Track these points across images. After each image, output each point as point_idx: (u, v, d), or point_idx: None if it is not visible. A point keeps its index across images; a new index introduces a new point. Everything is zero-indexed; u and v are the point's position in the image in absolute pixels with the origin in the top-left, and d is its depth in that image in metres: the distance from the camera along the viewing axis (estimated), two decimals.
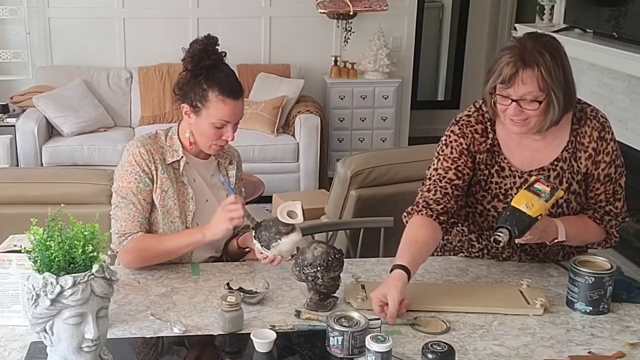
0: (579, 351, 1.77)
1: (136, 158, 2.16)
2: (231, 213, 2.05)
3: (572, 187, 2.12)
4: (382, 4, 5.67)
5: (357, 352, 1.70)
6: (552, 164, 2.11)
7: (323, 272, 1.89)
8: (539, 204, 1.92)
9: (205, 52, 2.14)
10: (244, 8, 5.94)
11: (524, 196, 1.94)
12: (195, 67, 2.14)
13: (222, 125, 2.15)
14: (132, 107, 5.73)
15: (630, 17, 4.28)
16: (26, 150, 5.16)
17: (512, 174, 2.13)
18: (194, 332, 1.82)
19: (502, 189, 2.14)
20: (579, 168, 2.11)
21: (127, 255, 2.15)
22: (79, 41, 5.78)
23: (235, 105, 2.15)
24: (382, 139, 6.05)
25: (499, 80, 1.97)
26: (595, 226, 2.16)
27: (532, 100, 1.97)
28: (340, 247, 2.09)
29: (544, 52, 1.96)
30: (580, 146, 2.10)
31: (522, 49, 1.97)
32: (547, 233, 2.04)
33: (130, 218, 2.15)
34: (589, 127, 2.10)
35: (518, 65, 1.95)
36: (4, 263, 1.76)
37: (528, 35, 2.05)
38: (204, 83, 2.13)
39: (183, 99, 2.18)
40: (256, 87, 5.70)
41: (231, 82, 2.16)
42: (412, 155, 3.29)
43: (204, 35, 2.18)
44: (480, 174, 2.16)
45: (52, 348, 1.52)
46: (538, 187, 1.95)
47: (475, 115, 2.17)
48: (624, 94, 4.35)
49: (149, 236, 2.17)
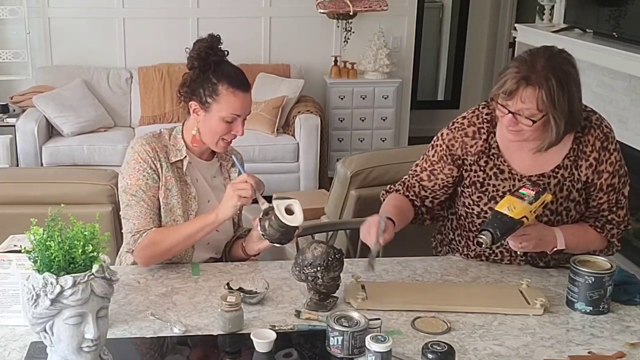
0: (579, 351, 1.77)
1: (142, 155, 2.16)
2: (240, 191, 2.05)
3: (572, 195, 2.11)
4: (382, 4, 5.67)
5: (357, 352, 1.70)
6: (553, 171, 2.11)
7: (323, 272, 1.89)
8: (521, 206, 1.94)
9: (212, 48, 2.16)
10: (244, 8, 5.94)
11: (507, 200, 1.97)
12: (202, 63, 2.15)
13: (233, 119, 2.15)
14: (132, 107, 5.73)
15: (630, 17, 4.28)
16: (26, 150, 5.15)
17: (512, 176, 2.13)
18: (194, 332, 1.82)
19: (500, 192, 2.14)
20: (579, 176, 2.10)
21: (144, 252, 2.14)
22: (79, 41, 5.78)
23: (245, 98, 2.17)
24: (382, 139, 6.05)
25: (501, 90, 1.97)
26: (596, 235, 2.15)
27: (528, 117, 1.96)
28: (340, 247, 2.09)
29: (550, 77, 1.92)
30: (582, 154, 2.09)
31: (530, 67, 1.94)
32: (545, 242, 2.05)
33: (143, 215, 2.15)
34: (592, 136, 2.08)
35: (520, 83, 1.93)
36: (4, 263, 1.76)
37: (543, 51, 1.99)
38: (213, 77, 2.14)
39: (191, 97, 2.18)
40: (256, 87, 5.69)
41: (240, 75, 2.18)
42: (412, 155, 3.26)
43: (208, 34, 2.19)
44: (474, 175, 2.16)
45: (52, 348, 1.52)
46: (522, 192, 1.98)
47: (469, 117, 2.18)
48: (624, 94, 4.35)
49: (163, 228, 2.17)
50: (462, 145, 2.16)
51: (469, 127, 2.16)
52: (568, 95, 1.95)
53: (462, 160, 2.17)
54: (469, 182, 2.17)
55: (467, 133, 2.16)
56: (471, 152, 2.15)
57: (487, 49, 7.17)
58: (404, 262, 2.27)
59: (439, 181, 2.21)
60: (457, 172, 2.19)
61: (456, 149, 2.16)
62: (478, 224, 2.19)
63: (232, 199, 2.07)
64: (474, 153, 2.15)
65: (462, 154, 2.16)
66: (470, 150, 2.15)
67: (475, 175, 2.16)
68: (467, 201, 2.20)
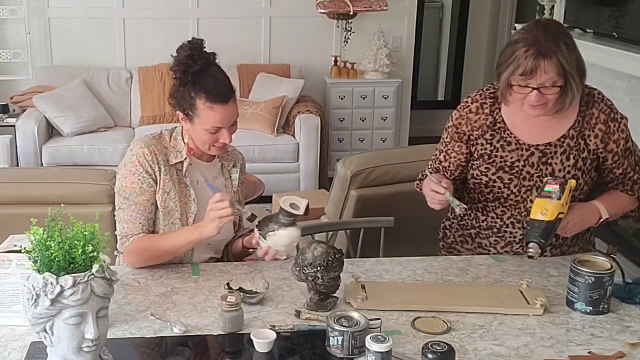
0: (579, 351, 1.77)
1: (140, 159, 2.16)
2: (219, 212, 2.04)
3: (579, 164, 2.19)
4: (382, 4, 5.67)
5: (357, 352, 1.70)
6: (559, 140, 2.19)
7: (323, 272, 1.89)
8: (552, 206, 2.02)
9: (191, 58, 2.11)
10: (244, 8, 5.94)
11: (538, 205, 2.05)
12: (182, 75, 2.13)
13: (216, 130, 2.15)
14: (132, 107, 5.73)
15: (630, 17, 4.28)
16: (26, 150, 5.15)
17: (520, 147, 2.21)
18: (194, 332, 1.82)
19: (508, 162, 2.22)
20: (587, 145, 2.18)
21: (130, 257, 2.16)
22: (79, 41, 5.78)
23: (224, 110, 2.13)
24: (382, 139, 6.05)
25: (518, 72, 2.05)
26: (628, 197, 2.27)
27: (552, 85, 2.05)
28: (340, 247, 2.09)
29: (559, 42, 2.04)
30: (587, 125, 2.18)
31: (535, 40, 2.04)
32: (588, 219, 2.19)
33: (132, 219, 2.15)
34: (596, 109, 2.19)
35: (538, 58, 2.02)
36: (4, 263, 1.76)
37: (536, 25, 2.11)
38: (192, 91, 2.12)
39: (177, 107, 2.18)
40: (256, 87, 5.70)
41: (219, 86, 2.12)
42: (412, 155, 3.29)
43: (188, 40, 2.14)
44: (482, 148, 2.25)
45: (52, 348, 1.52)
46: (548, 189, 2.06)
47: (473, 96, 2.28)
48: (624, 94, 4.35)
49: (149, 237, 2.17)
50: (467, 121, 2.26)
51: (472, 104, 2.27)
52: (575, 51, 2.08)
53: (467, 136, 2.26)
54: (477, 155, 2.26)
55: (471, 109, 2.26)
56: (476, 126, 2.25)
57: (487, 49, 7.16)
58: (404, 262, 2.27)
59: (452, 159, 2.31)
60: (465, 148, 2.28)
61: (462, 126, 2.27)
62: (486, 193, 2.27)
63: (214, 221, 2.05)
64: (479, 127, 2.24)
65: (468, 130, 2.26)
66: (475, 125, 2.25)
67: (482, 149, 2.25)
68: (475, 172, 2.28)
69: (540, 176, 2.20)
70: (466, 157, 2.30)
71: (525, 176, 2.21)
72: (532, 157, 2.20)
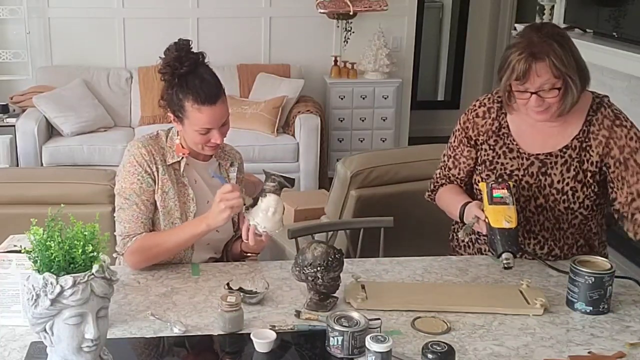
0: (579, 351, 1.77)
1: (137, 159, 2.16)
2: (230, 202, 2.04)
3: (579, 176, 2.16)
4: (382, 4, 5.67)
5: (357, 352, 1.70)
6: (561, 150, 2.17)
7: (323, 272, 1.89)
8: (512, 212, 2.02)
9: (179, 59, 2.11)
10: (244, 8, 5.93)
11: (498, 212, 2.02)
12: (170, 77, 2.13)
13: (206, 131, 2.14)
14: (132, 107, 5.72)
15: (630, 17, 4.28)
16: (26, 150, 5.15)
17: (520, 155, 2.20)
18: (194, 332, 1.82)
19: (508, 170, 2.21)
20: (589, 157, 2.14)
21: (132, 257, 2.15)
22: (79, 41, 5.78)
23: (212, 111, 2.12)
24: (382, 139, 6.05)
25: (514, 77, 2.03)
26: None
27: (551, 88, 2.03)
28: (340, 247, 2.09)
29: (551, 42, 2.02)
30: (590, 134, 2.15)
31: (529, 43, 2.02)
32: None
33: (134, 219, 2.15)
34: (601, 114, 2.16)
35: (529, 60, 2.00)
36: (4, 263, 1.76)
37: (530, 28, 2.10)
38: (179, 93, 2.11)
39: (167, 109, 2.18)
40: (256, 87, 5.69)
41: (206, 88, 2.11)
42: (412, 155, 3.29)
43: (174, 41, 2.14)
44: (485, 154, 2.24)
45: (52, 348, 1.52)
46: (498, 195, 2.05)
47: (482, 100, 2.28)
48: (624, 94, 4.34)
49: (152, 234, 2.17)
50: (474, 125, 2.26)
51: (480, 108, 2.26)
52: (571, 51, 2.06)
53: (474, 140, 2.26)
54: (480, 160, 2.26)
55: (478, 114, 2.25)
56: (482, 131, 2.24)
57: (487, 49, 7.16)
58: (404, 262, 2.27)
59: (462, 165, 2.31)
60: (475, 153, 2.28)
61: (469, 130, 2.26)
62: None
63: (224, 211, 2.05)
64: (484, 132, 2.24)
65: (474, 135, 2.26)
66: (481, 130, 2.24)
67: (485, 154, 2.24)
68: (477, 178, 2.28)
69: (538, 187, 2.17)
70: (474, 162, 2.29)
71: (524, 186, 2.19)
72: (531, 167, 2.18)
